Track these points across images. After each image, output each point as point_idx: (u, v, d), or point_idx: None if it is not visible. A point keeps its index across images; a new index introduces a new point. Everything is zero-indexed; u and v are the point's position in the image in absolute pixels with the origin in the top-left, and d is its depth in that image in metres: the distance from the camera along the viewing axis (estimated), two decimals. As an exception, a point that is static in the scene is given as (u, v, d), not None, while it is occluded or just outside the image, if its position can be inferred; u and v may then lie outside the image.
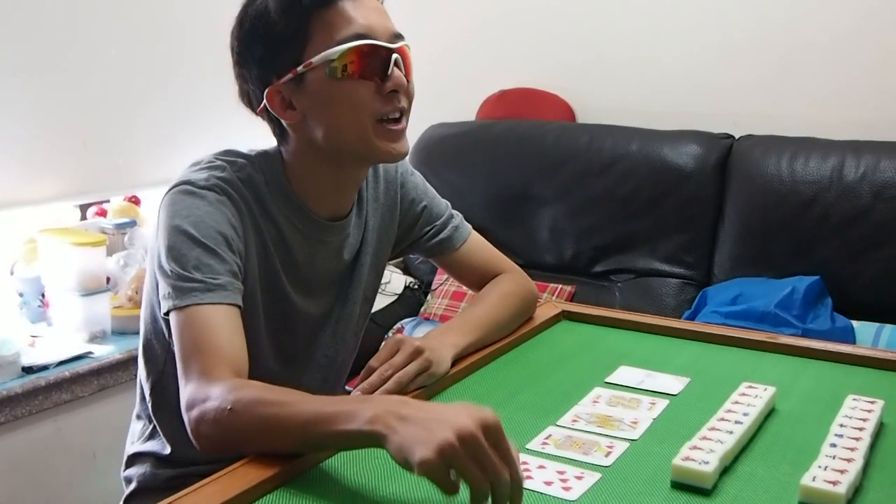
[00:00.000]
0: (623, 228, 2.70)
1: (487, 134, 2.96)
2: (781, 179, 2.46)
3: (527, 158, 2.83)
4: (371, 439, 0.94)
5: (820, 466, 0.98)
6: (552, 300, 2.31)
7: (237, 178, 1.26)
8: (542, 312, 1.59)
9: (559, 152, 2.79)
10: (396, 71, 1.22)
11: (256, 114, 1.29)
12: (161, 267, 1.18)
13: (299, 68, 1.20)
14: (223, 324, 1.14)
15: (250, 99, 1.28)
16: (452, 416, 0.89)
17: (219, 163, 1.27)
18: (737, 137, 2.64)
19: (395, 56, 1.21)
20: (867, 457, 1.04)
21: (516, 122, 2.98)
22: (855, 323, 2.28)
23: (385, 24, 1.23)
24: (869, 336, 2.24)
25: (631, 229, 2.69)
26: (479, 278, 1.53)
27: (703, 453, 1.01)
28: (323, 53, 1.19)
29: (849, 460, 1.00)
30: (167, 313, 1.17)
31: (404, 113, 1.25)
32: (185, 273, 1.15)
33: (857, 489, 0.98)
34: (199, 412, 1.07)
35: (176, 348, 1.15)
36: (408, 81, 1.25)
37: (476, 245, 1.54)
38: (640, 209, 2.66)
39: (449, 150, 3.00)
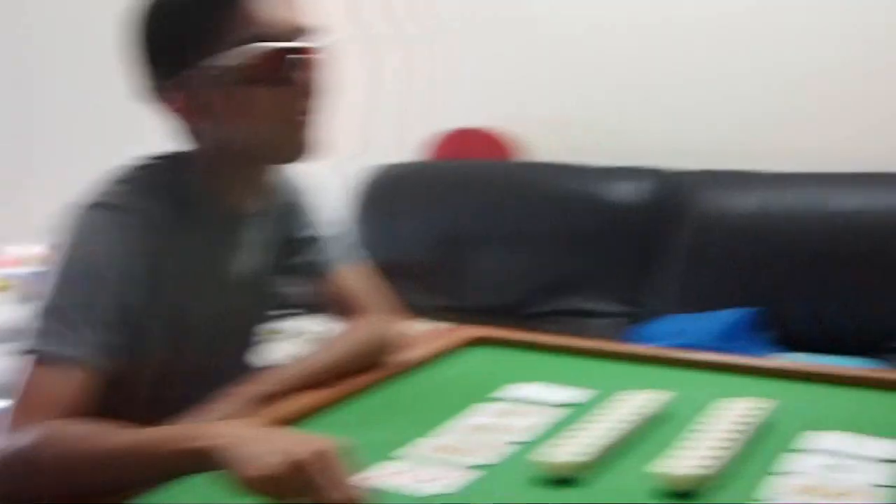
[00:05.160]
0: (561, 268, 2.69)
1: (430, 174, 2.98)
2: (721, 214, 2.47)
3: (468, 198, 2.84)
4: (204, 457, 0.90)
5: (684, 457, 1.00)
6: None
7: (148, 186, 1.18)
8: (453, 338, 1.59)
9: (498, 191, 2.80)
10: (299, 73, 1.15)
11: (154, 107, 1.21)
12: (46, 295, 1.09)
13: (194, 70, 1.14)
14: (76, 389, 1.05)
15: (146, 93, 1.20)
16: (289, 443, 0.87)
17: (129, 174, 1.20)
18: (675, 172, 2.64)
19: (296, 57, 1.14)
20: (736, 451, 1.05)
21: (460, 161, 2.99)
22: (796, 356, 2.27)
23: (291, 19, 1.15)
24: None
25: (570, 268, 2.68)
26: (341, 311, 1.44)
27: (571, 448, 1.03)
28: (217, 56, 1.12)
29: (714, 452, 1.01)
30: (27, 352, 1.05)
31: (309, 112, 1.18)
32: (62, 313, 1.07)
33: (720, 479, 1.00)
34: None
35: (15, 395, 1.04)
36: (315, 78, 1.17)
37: (349, 277, 1.44)
38: (579, 247, 2.66)
39: (390, 190, 2.99)
